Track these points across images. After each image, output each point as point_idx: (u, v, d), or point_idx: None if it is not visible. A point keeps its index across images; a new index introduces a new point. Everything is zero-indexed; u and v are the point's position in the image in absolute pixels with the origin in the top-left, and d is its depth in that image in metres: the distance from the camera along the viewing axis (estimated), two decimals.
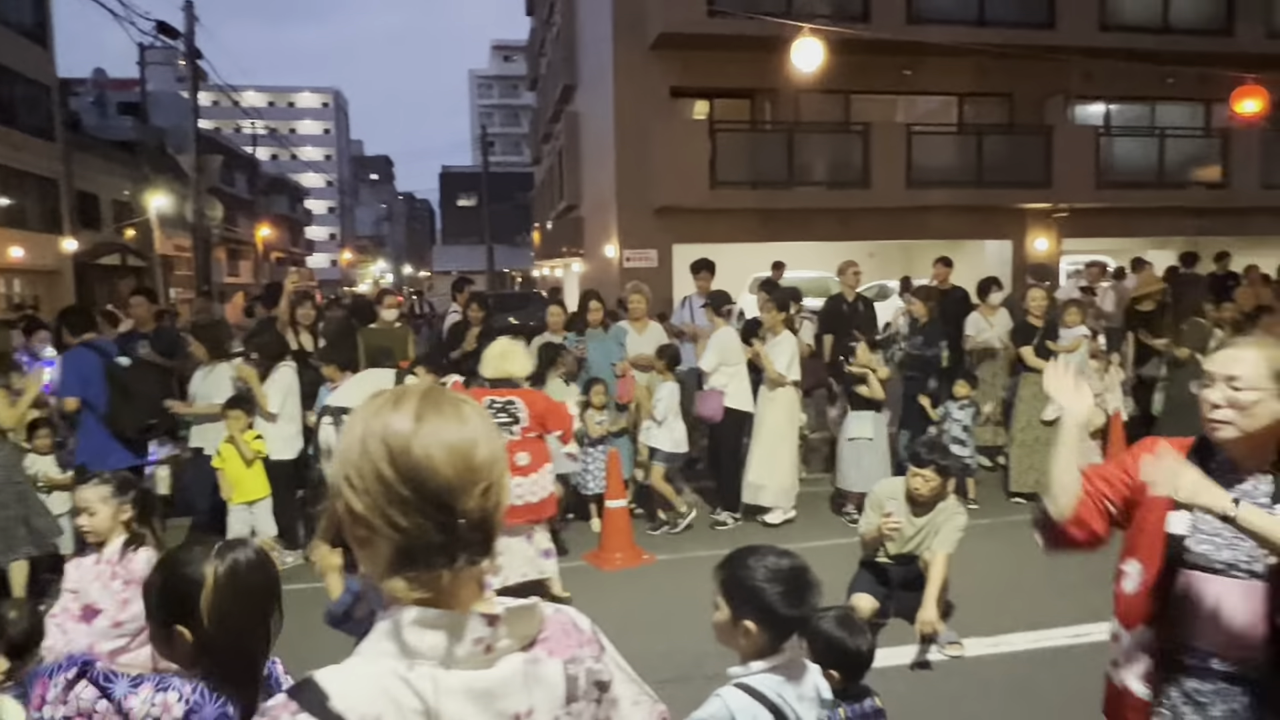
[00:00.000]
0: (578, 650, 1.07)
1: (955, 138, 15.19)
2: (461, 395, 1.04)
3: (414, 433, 0.95)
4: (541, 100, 27.36)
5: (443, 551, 0.94)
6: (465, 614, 0.95)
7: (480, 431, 0.99)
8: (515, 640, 0.99)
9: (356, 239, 74.64)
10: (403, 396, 0.99)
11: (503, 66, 74.04)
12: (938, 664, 4.15)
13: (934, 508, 4.29)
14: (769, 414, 6.41)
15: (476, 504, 0.96)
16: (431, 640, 0.94)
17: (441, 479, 0.94)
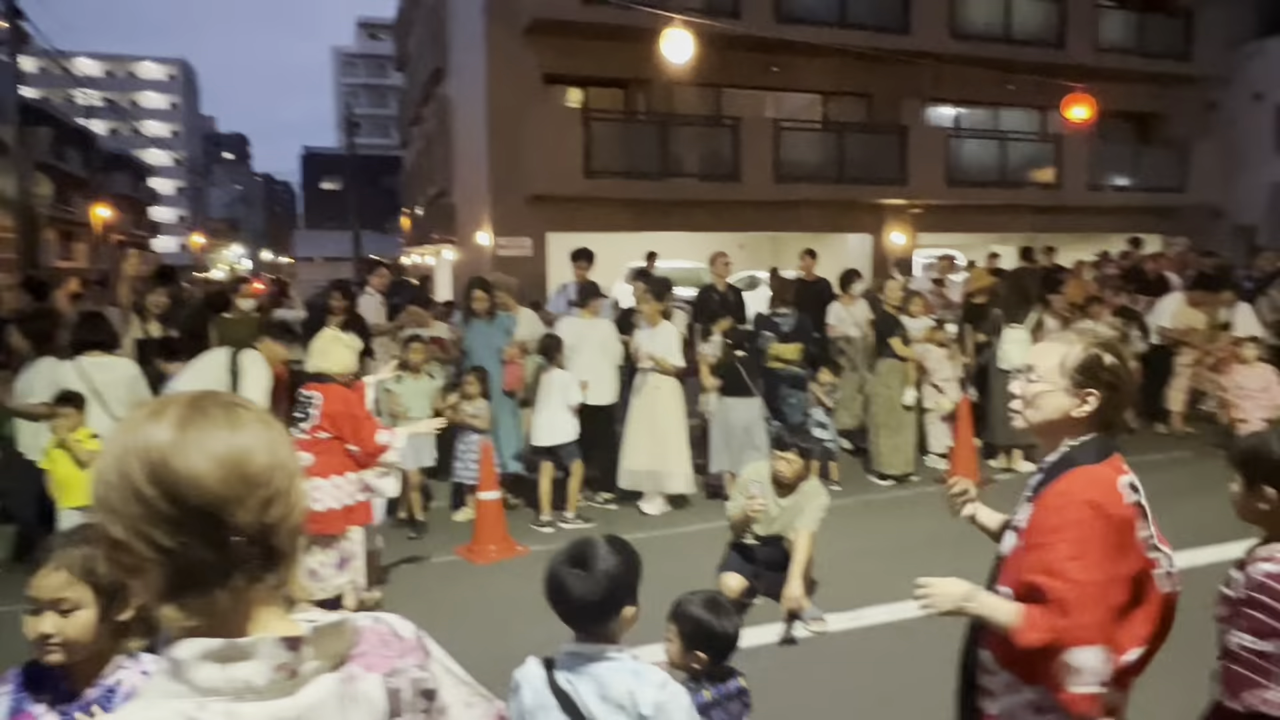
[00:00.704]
0: (398, 661, 1.01)
1: (820, 134, 15.78)
2: (240, 399, 0.95)
3: (174, 443, 0.86)
4: (410, 82, 26.50)
5: (216, 571, 0.86)
6: (258, 639, 0.87)
7: (258, 438, 0.90)
8: (325, 661, 0.92)
9: (209, 222, 70.04)
10: (166, 404, 0.90)
11: (369, 45, 71.18)
12: (803, 641, 4.33)
13: (798, 489, 4.47)
14: (662, 401, 6.46)
15: (253, 517, 0.88)
16: (226, 673, 0.85)
17: (207, 492, 0.85)
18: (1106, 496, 1.74)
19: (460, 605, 4.85)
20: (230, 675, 0.86)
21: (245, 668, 0.86)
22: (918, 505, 6.66)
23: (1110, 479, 1.77)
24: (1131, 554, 1.75)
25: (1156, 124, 18.70)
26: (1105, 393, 1.80)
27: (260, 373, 4.94)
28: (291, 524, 0.92)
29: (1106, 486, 1.76)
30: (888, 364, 7.21)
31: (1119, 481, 1.77)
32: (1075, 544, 1.69)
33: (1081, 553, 1.69)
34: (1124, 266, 11.71)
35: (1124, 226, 17.24)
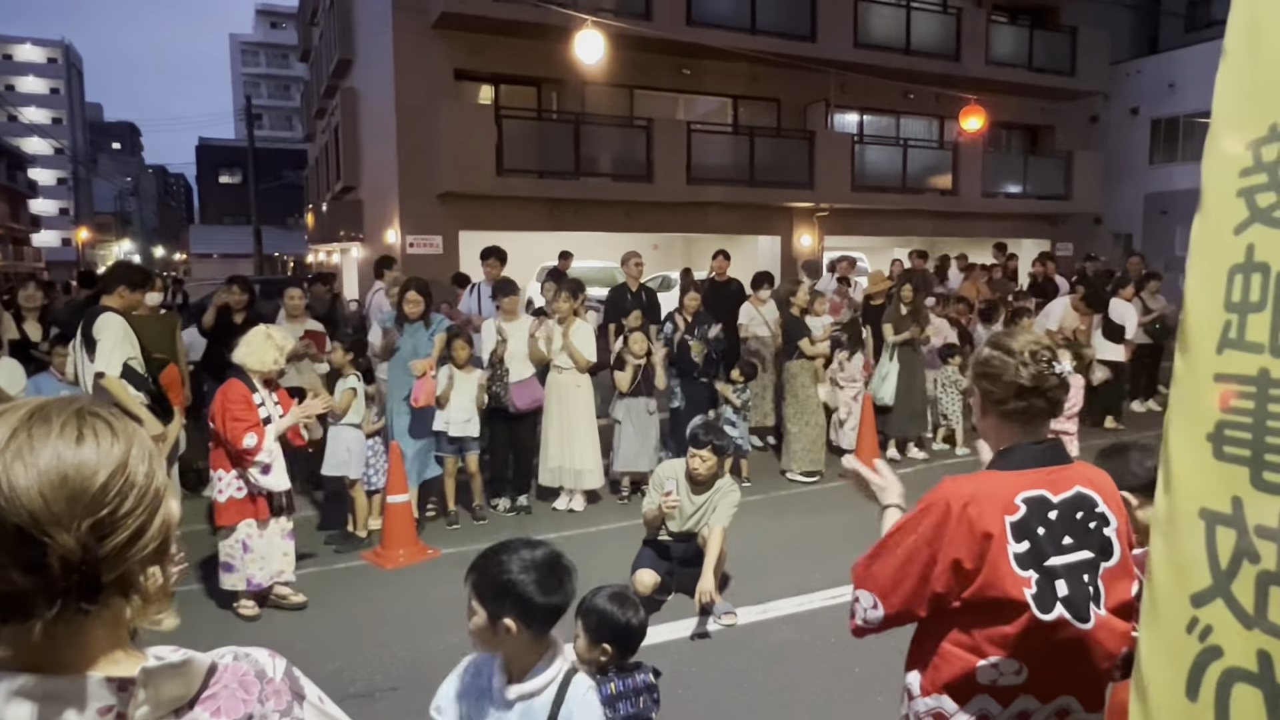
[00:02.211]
0: (257, 706, 0.89)
1: (730, 138, 16.04)
2: (102, 410, 0.86)
3: (4, 453, 0.78)
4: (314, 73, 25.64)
5: (30, 599, 0.77)
6: (81, 679, 0.79)
7: (104, 455, 0.81)
8: (160, 706, 0.83)
9: (96, 216, 66.11)
10: (5, 411, 0.82)
11: (270, 33, 68.58)
12: (715, 634, 4.41)
13: (712, 486, 4.54)
14: (579, 399, 6.46)
15: (78, 540, 0.78)
16: (46, 713, 0.77)
17: (24, 509, 0.77)
18: (973, 498, 1.71)
19: (368, 612, 4.74)
20: (51, 718, 0.77)
21: (68, 713, 0.78)
22: (827, 500, 6.86)
23: (1003, 489, 1.73)
24: (963, 549, 1.70)
25: (1044, 135, 19.80)
26: (983, 383, 1.82)
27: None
28: (139, 551, 0.82)
29: (982, 493, 1.73)
30: (797, 364, 7.40)
31: (1016, 495, 1.72)
32: (909, 518, 1.78)
33: (906, 525, 1.77)
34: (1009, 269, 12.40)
35: (1015, 231, 18.22)
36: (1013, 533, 1.68)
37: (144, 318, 6.00)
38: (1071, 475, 1.78)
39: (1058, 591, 1.69)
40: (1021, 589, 1.66)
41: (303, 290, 6.99)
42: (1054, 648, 1.69)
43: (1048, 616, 1.67)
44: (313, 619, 4.69)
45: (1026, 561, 1.68)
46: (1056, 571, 1.69)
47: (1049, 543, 1.70)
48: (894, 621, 1.79)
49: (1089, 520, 1.75)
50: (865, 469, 2.06)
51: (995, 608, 1.69)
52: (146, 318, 5.97)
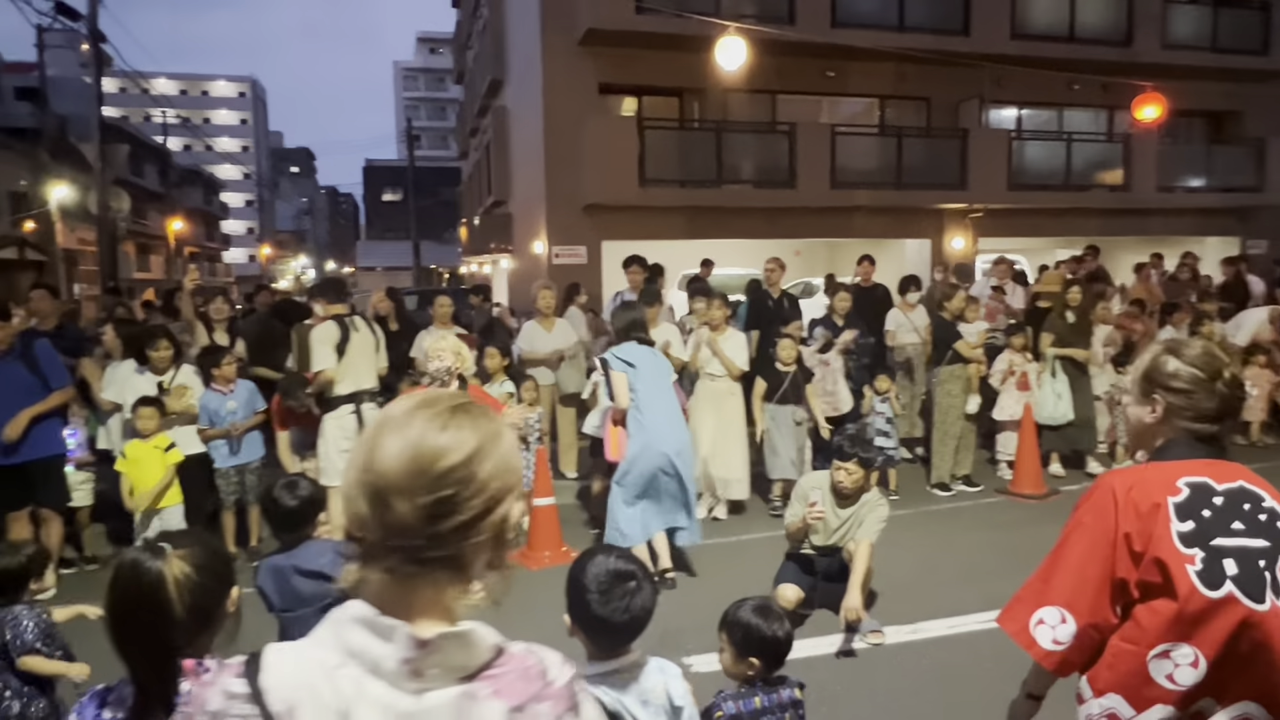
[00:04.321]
0: (533, 702, 0.95)
1: (877, 139, 15.57)
2: (478, 410, 0.99)
3: (391, 422, 0.94)
4: (468, 94, 26.98)
5: (373, 549, 0.93)
6: (397, 626, 0.90)
7: (462, 445, 0.93)
8: (447, 671, 0.92)
9: (276, 234, 72.28)
10: (411, 396, 0.99)
11: (428, 59, 72.74)
12: (860, 653, 4.27)
13: (858, 500, 4.41)
14: (732, 407, 6.43)
15: (415, 512, 0.91)
16: (366, 643, 0.90)
17: (385, 473, 0.91)
18: (1136, 480, 1.72)
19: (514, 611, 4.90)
20: (366, 647, 0.90)
21: (379, 647, 0.90)
22: (980, 516, 6.51)
23: (1164, 473, 1.72)
24: (1135, 537, 1.68)
25: (1230, 121, 17.98)
26: (1170, 397, 1.78)
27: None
28: (472, 538, 0.93)
29: (1145, 475, 1.73)
30: (948, 371, 7.07)
31: (1178, 480, 1.70)
32: (1071, 523, 1.76)
33: (1072, 530, 1.75)
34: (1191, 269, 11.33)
35: (1197, 228, 16.67)
36: (1176, 512, 1.66)
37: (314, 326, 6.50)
38: (1233, 469, 1.74)
39: (1226, 570, 1.62)
40: (1184, 565, 1.62)
41: (452, 299, 7.35)
42: (1229, 634, 1.61)
43: (1216, 594, 1.61)
44: None
45: (1191, 540, 1.64)
46: (1224, 550, 1.64)
47: (1215, 524, 1.65)
48: (1088, 637, 1.70)
49: (1258, 512, 1.68)
50: None
51: (1161, 589, 1.64)
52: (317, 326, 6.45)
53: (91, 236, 22.75)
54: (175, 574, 1.59)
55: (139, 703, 1.58)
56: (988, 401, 7.40)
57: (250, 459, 5.83)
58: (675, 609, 4.52)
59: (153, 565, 1.59)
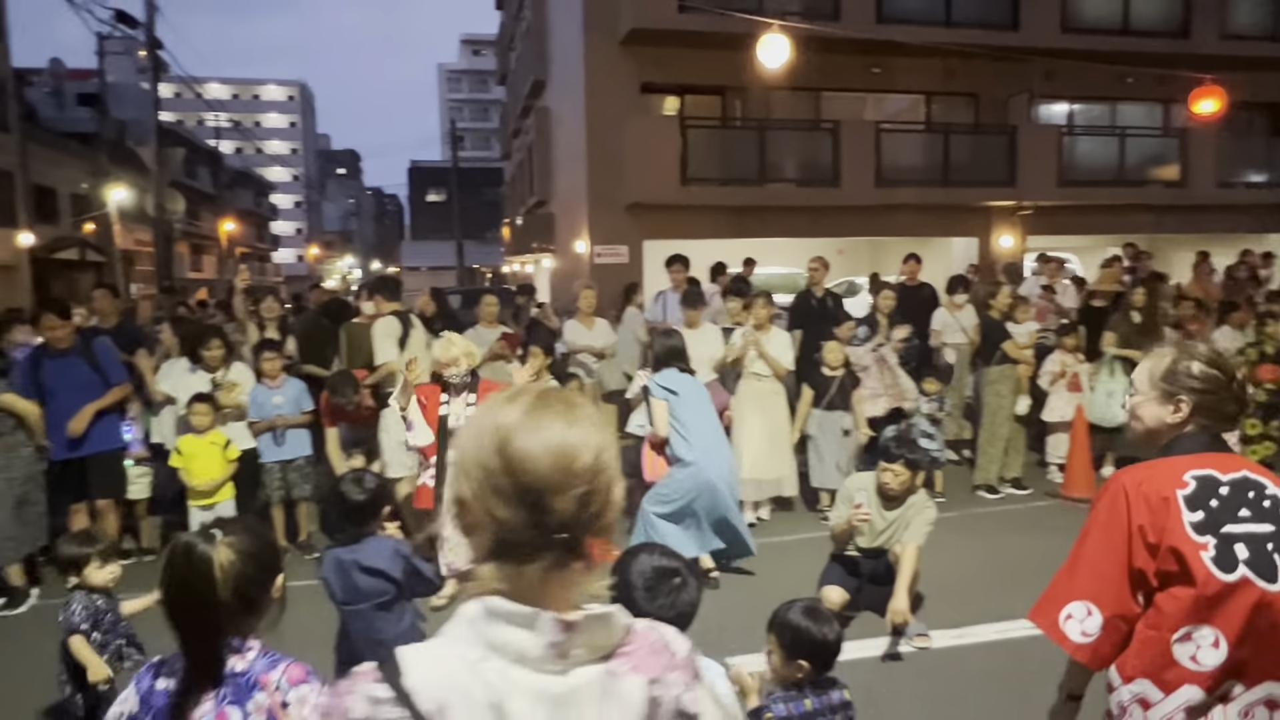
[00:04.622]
0: (665, 673, 1.01)
1: (923, 136, 15.35)
2: (583, 399, 1.04)
3: (519, 426, 0.97)
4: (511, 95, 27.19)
5: (530, 548, 0.95)
6: (539, 613, 0.94)
7: (589, 438, 0.99)
8: (591, 650, 0.97)
9: (323, 234, 73.68)
10: (522, 392, 1.02)
11: (472, 61, 73.51)
12: (906, 656, 4.21)
13: (904, 501, 4.35)
14: (775, 407, 6.37)
15: (570, 507, 0.95)
16: (506, 635, 0.93)
17: (537, 475, 0.95)
18: (1144, 477, 1.81)
19: None
20: (509, 639, 0.93)
21: (523, 636, 0.93)
22: (1029, 519, 6.38)
23: (1171, 468, 1.82)
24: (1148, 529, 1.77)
25: None
26: (1195, 398, 1.87)
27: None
28: (602, 524, 0.99)
29: (1153, 471, 1.82)
30: (997, 371, 6.94)
31: (1185, 474, 1.80)
32: (1088, 521, 1.86)
33: (1089, 527, 1.85)
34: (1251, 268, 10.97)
35: (1259, 225, 16.12)
36: (1186, 504, 1.76)
37: (365, 325, 6.61)
38: (1235, 461, 1.85)
39: (1238, 554, 1.73)
40: (1198, 553, 1.72)
41: (498, 298, 7.42)
42: (1247, 615, 1.70)
43: (1230, 577, 1.70)
44: None
45: (1202, 528, 1.74)
46: (1235, 536, 1.74)
47: (1223, 512, 1.76)
48: (1115, 628, 1.79)
49: (1262, 499, 1.79)
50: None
51: (1179, 576, 1.74)
52: (365, 325, 6.56)
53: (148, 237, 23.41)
54: (222, 560, 1.70)
55: (188, 675, 1.70)
56: (1037, 403, 7.24)
57: (296, 455, 5.93)
58: (718, 609, 4.51)
59: (203, 550, 1.70)
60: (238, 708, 1.70)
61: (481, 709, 0.91)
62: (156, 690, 1.72)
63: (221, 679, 1.71)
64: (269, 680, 1.73)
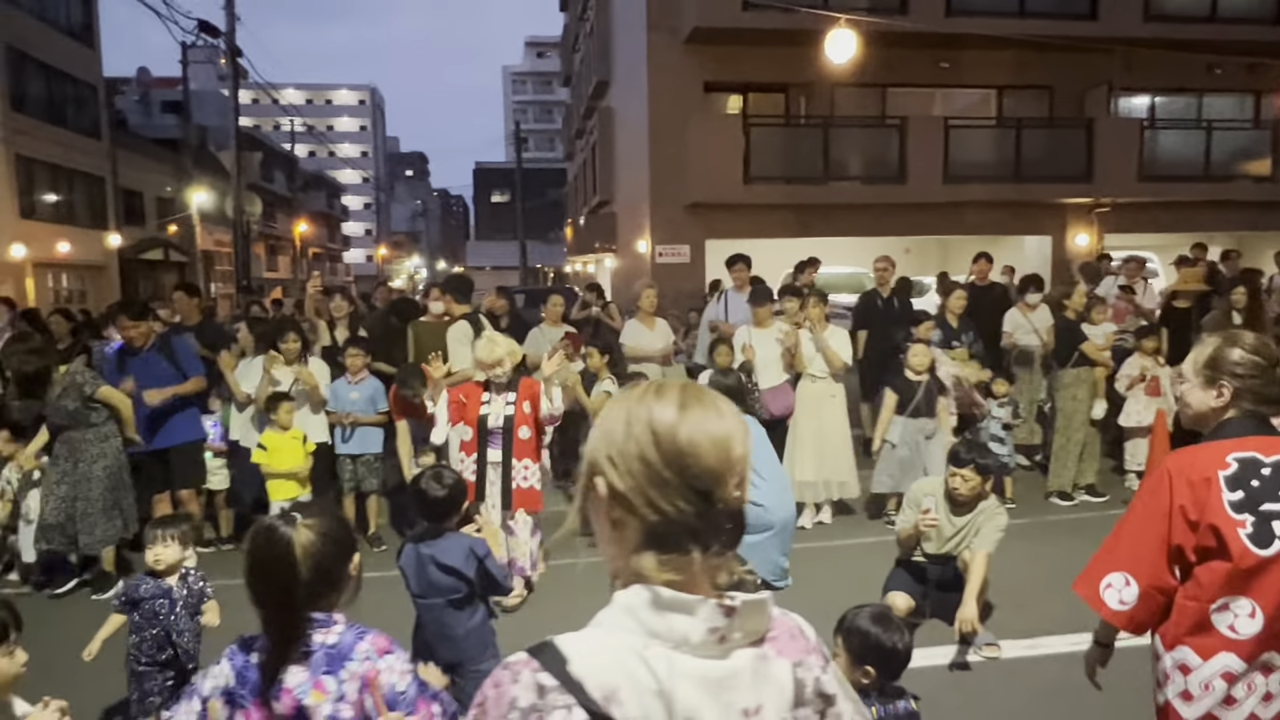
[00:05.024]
0: (804, 656, 1.05)
1: (994, 131, 14.96)
2: (716, 393, 1.06)
3: (679, 420, 0.98)
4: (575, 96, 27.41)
5: (696, 537, 0.97)
6: (701, 600, 0.96)
7: (737, 427, 1.01)
8: (746, 634, 0.99)
9: (392, 235, 75.42)
10: (664, 388, 1.03)
11: (536, 63, 74.34)
12: (975, 665, 4.11)
13: (974, 508, 4.24)
14: (834, 410, 6.25)
15: (732, 495, 0.98)
16: (670, 622, 0.95)
17: (704, 466, 0.97)
18: (1189, 460, 1.94)
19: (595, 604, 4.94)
20: (672, 625, 0.94)
21: (686, 622, 0.95)
22: (1104, 528, 6.12)
23: (1215, 451, 1.93)
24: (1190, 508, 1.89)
25: None
26: (1237, 383, 1.98)
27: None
28: (745, 508, 1.02)
29: (1197, 454, 1.95)
30: (1072, 374, 6.71)
31: (1227, 455, 1.91)
32: (1134, 500, 2.06)
33: (1134, 504, 2.04)
34: None
35: None
36: (1226, 484, 1.88)
37: (430, 324, 6.75)
38: (1279, 444, 1.94)
39: (1275, 531, 1.84)
40: (1236, 529, 1.84)
41: (564, 297, 7.49)
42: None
43: (1266, 552, 1.83)
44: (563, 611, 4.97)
45: (1241, 507, 1.86)
46: (1272, 514, 1.85)
47: (1263, 492, 1.87)
48: (1152, 598, 1.93)
49: None
50: None
51: (1216, 551, 1.86)
52: (433, 324, 6.70)
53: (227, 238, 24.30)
54: (302, 540, 1.79)
55: (273, 651, 1.79)
56: (1114, 407, 6.98)
57: (366, 450, 6.09)
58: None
59: (284, 531, 1.80)
60: (332, 677, 1.79)
61: (649, 695, 0.92)
62: (251, 664, 1.81)
63: (308, 652, 1.80)
64: (359, 650, 1.83)
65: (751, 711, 0.97)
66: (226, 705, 1.81)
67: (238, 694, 1.80)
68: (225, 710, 1.81)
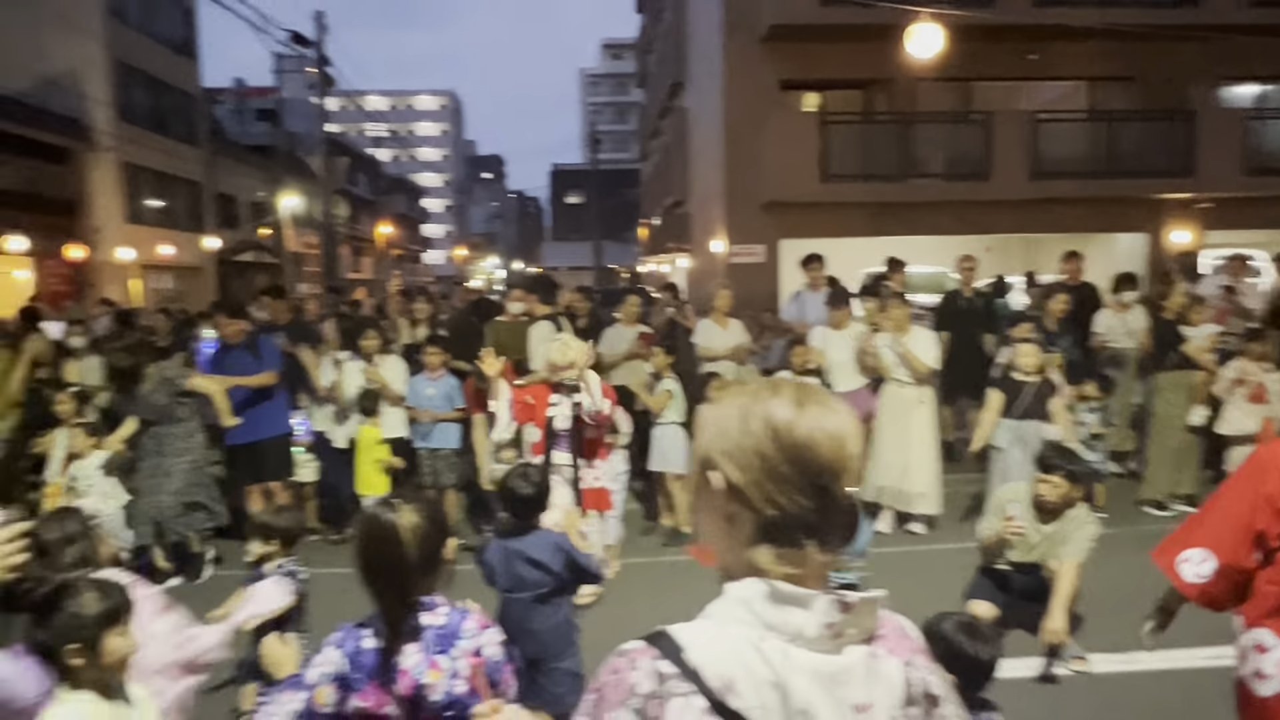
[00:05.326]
0: (913, 655, 1.06)
1: (1084, 125, 14.36)
2: (828, 391, 1.08)
3: (797, 416, 1.00)
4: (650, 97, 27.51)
5: (813, 532, 0.99)
6: (816, 595, 0.97)
7: (851, 424, 1.03)
8: (860, 631, 1.00)
9: (470, 236, 77.03)
10: (779, 385, 1.05)
11: (612, 64, 74.83)
12: (1063, 679, 3.96)
13: (1062, 515, 4.08)
14: (920, 417, 6.07)
15: (848, 490, 1.00)
16: (785, 615, 0.96)
17: (822, 461, 0.99)
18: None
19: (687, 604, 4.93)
20: (787, 619, 0.96)
21: (801, 616, 0.96)
22: None
23: None
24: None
25: None
26: None
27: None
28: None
29: None
30: (1170, 378, 6.40)
31: None
32: (1226, 482, 2.15)
33: (1224, 486, 2.14)
34: None
35: None
36: None
37: (508, 324, 6.87)
38: None
39: None
40: None
41: (641, 298, 7.53)
42: None
43: None
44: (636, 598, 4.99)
45: None
46: None
47: None
48: (1228, 575, 2.00)
49: None
50: None
51: None
52: (511, 324, 6.82)
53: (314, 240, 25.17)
54: (408, 522, 1.90)
55: (387, 633, 1.90)
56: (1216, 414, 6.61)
57: (442, 445, 6.24)
58: None
59: (390, 516, 1.90)
60: (444, 655, 1.90)
61: (765, 686, 0.93)
62: (364, 649, 1.90)
63: (420, 632, 1.90)
64: (465, 629, 1.94)
65: (863, 707, 0.97)
66: (338, 690, 1.89)
67: (352, 678, 1.88)
68: (336, 695, 1.88)
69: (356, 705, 1.89)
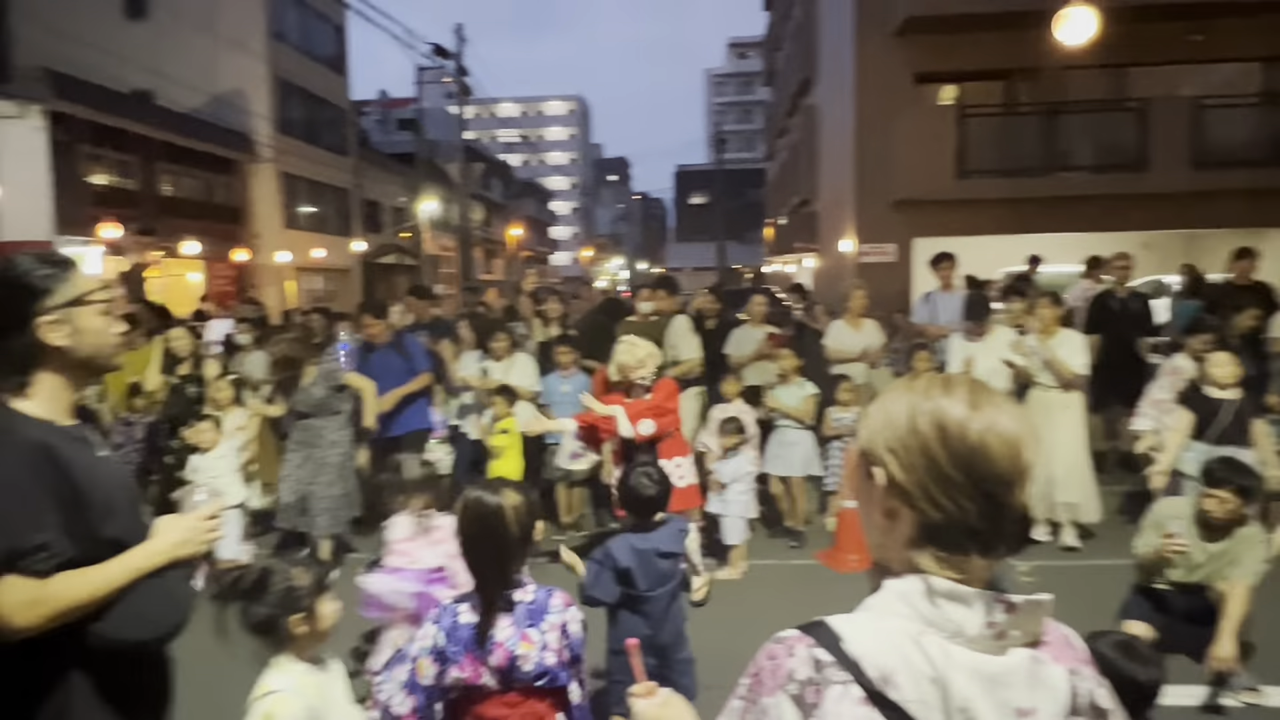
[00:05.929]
0: (1079, 665, 1.02)
1: (1257, 110, 13.17)
2: (1002, 393, 1.05)
3: (970, 418, 0.96)
4: (777, 95, 27.20)
5: (978, 538, 0.95)
6: (979, 593, 0.95)
7: (1027, 429, 0.98)
8: (1023, 634, 0.97)
9: (596, 238, 78.43)
10: (952, 381, 1.01)
11: (738, 64, 74.45)
12: (1230, 711, 3.66)
13: (1232, 534, 3.77)
14: (1067, 421, 5.73)
15: (1020, 499, 0.96)
16: (946, 612, 0.94)
17: (995, 468, 0.95)
18: None
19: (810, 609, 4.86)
20: (948, 616, 0.94)
21: (962, 613, 0.94)
22: None
23: None
24: None
25: None
26: None
27: None
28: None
29: None
30: None
31: None
32: None
33: None
34: None
35: None
36: None
37: (639, 323, 6.96)
38: None
39: None
40: None
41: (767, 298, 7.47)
42: None
43: None
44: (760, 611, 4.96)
45: None
46: None
47: None
48: None
49: None
50: None
51: None
52: (642, 323, 6.90)
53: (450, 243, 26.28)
54: (511, 503, 2.07)
55: (487, 605, 2.05)
56: None
57: None
58: None
59: (495, 498, 2.08)
60: (535, 629, 2.04)
61: (925, 681, 0.91)
62: (460, 624, 2.05)
63: (512, 607, 2.05)
64: (553, 605, 2.10)
65: (1026, 712, 0.94)
66: (436, 662, 2.02)
67: (449, 651, 2.02)
68: (435, 667, 2.02)
69: (455, 676, 2.01)
